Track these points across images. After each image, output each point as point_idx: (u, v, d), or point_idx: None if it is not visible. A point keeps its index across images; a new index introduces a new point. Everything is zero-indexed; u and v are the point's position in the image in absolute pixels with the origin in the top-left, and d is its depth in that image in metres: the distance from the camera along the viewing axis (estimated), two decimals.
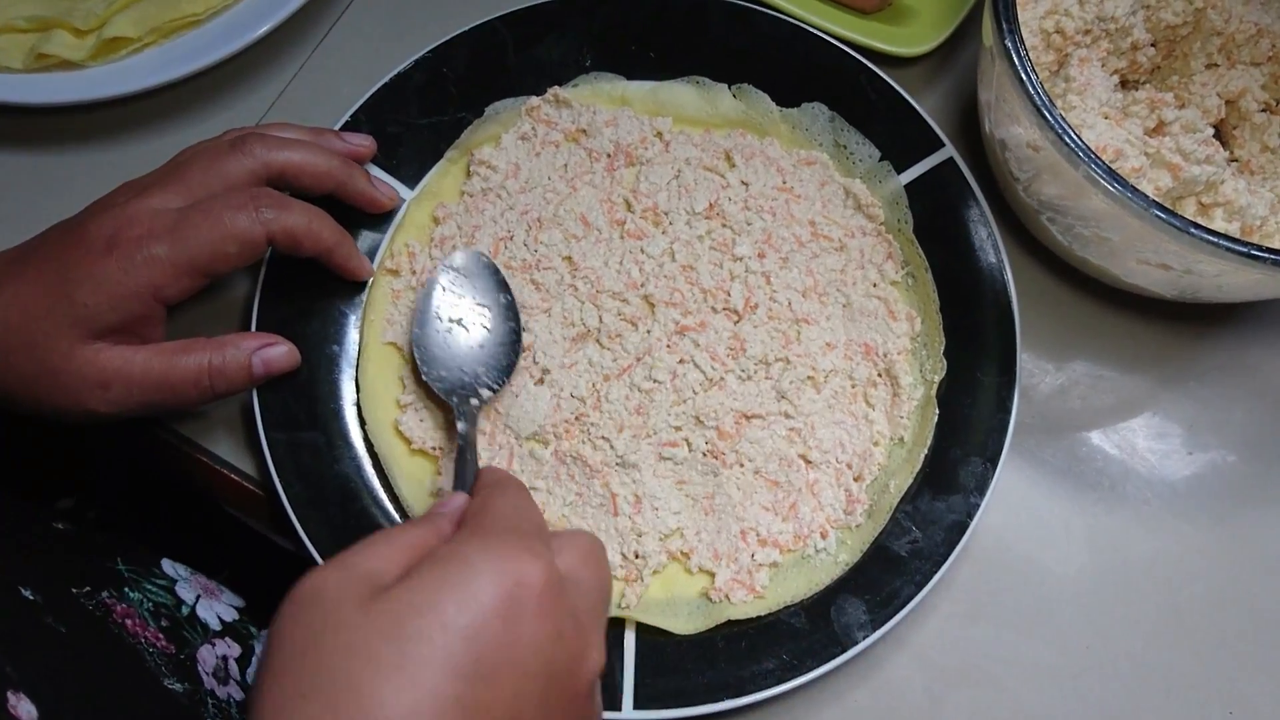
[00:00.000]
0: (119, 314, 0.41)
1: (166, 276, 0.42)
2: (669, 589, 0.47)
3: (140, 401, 0.43)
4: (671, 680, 0.44)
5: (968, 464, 0.47)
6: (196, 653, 0.44)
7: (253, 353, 0.45)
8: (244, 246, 0.43)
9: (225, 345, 0.44)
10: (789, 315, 0.50)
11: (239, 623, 0.48)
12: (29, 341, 0.41)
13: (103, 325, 0.41)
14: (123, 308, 0.41)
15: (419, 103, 0.53)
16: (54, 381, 0.41)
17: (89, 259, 0.41)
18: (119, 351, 0.42)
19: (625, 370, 0.49)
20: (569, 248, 0.51)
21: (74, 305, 0.41)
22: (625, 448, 0.47)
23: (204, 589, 0.48)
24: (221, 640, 0.46)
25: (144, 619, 0.43)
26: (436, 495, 0.47)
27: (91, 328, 0.41)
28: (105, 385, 0.42)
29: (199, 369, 0.43)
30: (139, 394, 0.42)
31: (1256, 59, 0.53)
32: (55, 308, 0.41)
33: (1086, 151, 0.42)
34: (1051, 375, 0.53)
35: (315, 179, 0.46)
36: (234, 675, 0.46)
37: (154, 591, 0.45)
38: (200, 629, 0.46)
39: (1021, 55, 0.44)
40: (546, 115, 0.54)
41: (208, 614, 0.47)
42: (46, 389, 0.41)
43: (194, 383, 0.43)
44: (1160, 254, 0.44)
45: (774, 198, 0.52)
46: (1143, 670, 0.48)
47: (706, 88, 0.55)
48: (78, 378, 0.41)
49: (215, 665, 0.45)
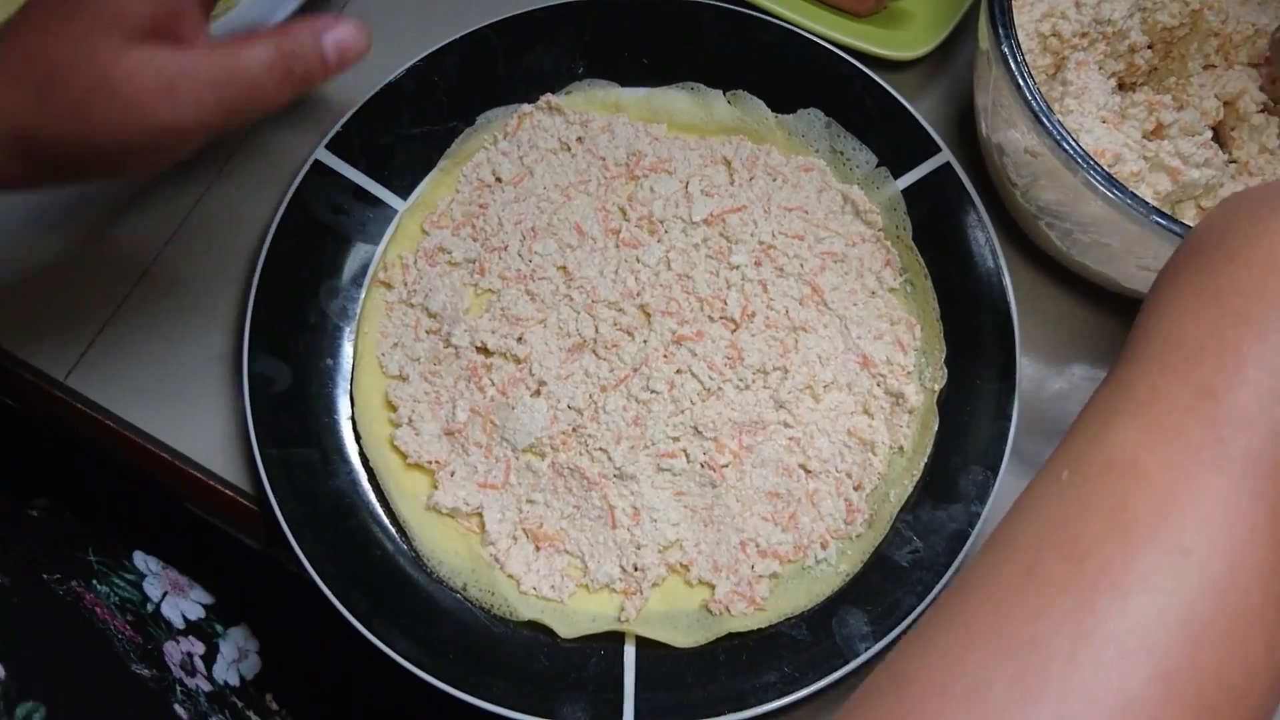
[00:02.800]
0: (154, 15, 0.36)
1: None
2: (669, 602, 0.46)
3: (215, 104, 0.36)
4: (672, 694, 0.44)
5: (968, 472, 0.47)
6: (162, 647, 0.44)
7: (321, 35, 0.38)
8: None
9: (290, 30, 0.38)
10: (787, 324, 0.49)
11: (205, 621, 0.48)
12: (62, 61, 0.35)
13: (140, 22, 0.36)
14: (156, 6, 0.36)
15: (410, 112, 0.52)
16: (108, 98, 0.35)
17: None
18: (173, 50, 0.36)
19: (622, 381, 0.48)
20: (564, 257, 0.50)
21: (102, 8, 0.35)
22: (623, 459, 0.47)
23: (173, 584, 0.48)
24: (185, 638, 0.46)
25: (111, 610, 0.43)
26: (433, 509, 0.47)
27: (130, 26, 0.36)
28: (170, 88, 0.36)
29: (272, 54, 0.37)
30: (211, 94, 0.36)
31: (1254, 59, 0.53)
32: (84, 20, 0.35)
33: (1085, 157, 0.42)
34: (1051, 380, 0.52)
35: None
36: (200, 670, 0.45)
37: (121, 586, 0.45)
38: (164, 626, 0.46)
39: (1018, 59, 0.44)
40: (540, 123, 0.53)
41: (172, 612, 0.47)
42: (102, 111, 0.36)
43: (269, 69, 0.37)
44: (1160, 259, 0.43)
45: (781, 216, 0.52)
46: None
47: (701, 94, 0.54)
48: (134, 86, 0.35)
49: (182, 659, 0.45)
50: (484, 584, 0.46)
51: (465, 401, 0.48)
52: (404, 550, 0.46)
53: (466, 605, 0.45)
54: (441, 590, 0.46)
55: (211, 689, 0.45)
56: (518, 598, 0.45)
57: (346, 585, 0.44)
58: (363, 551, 0.46)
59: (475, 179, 0.52)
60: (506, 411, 0.47)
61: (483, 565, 0.46)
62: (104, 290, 0.51)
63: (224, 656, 0.48)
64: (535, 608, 0.45)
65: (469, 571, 0.46)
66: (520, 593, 0.46)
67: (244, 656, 0.50)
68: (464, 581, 0.46)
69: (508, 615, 0.45)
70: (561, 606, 0.46)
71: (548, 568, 0.46)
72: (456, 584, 0.46)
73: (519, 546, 0.46)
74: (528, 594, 0.46)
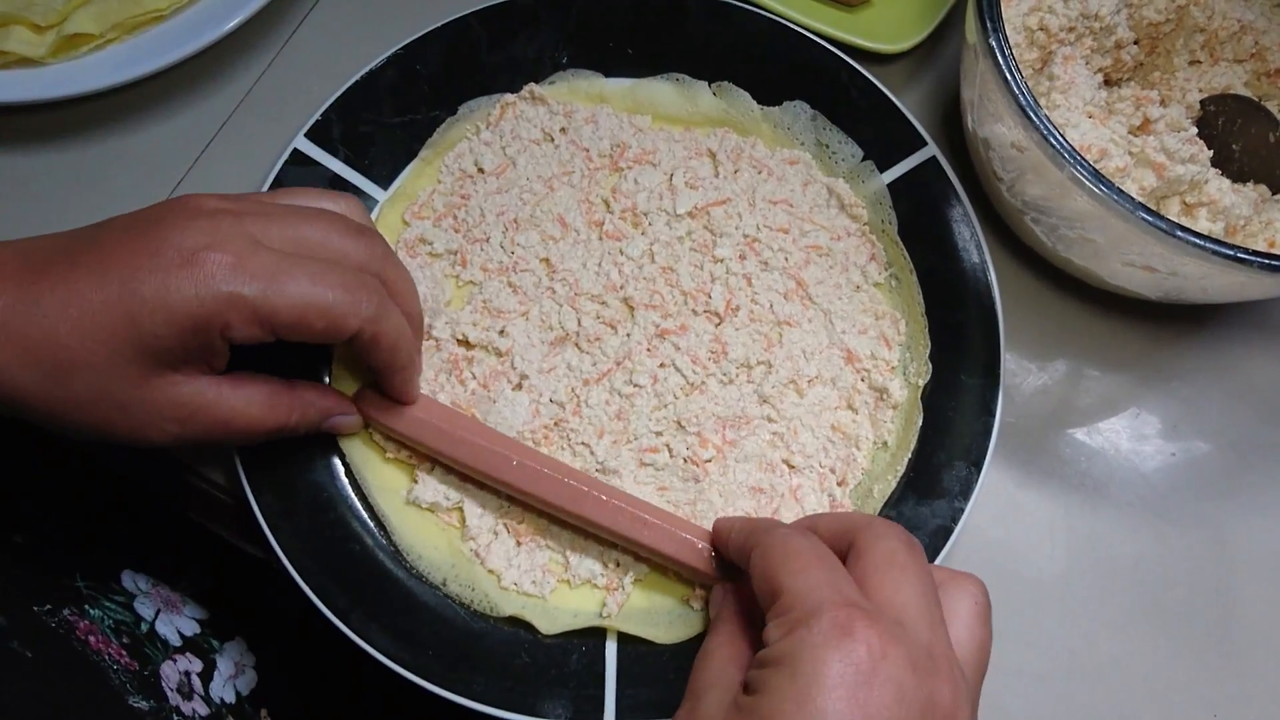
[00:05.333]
0: (186, 348, 0.37)
1: (242, 318, 0.36)
2: (650, 598, 0.46)
3: (208, 437, 0.39)
4: (653, 690, 0.43)
5: (952, 468, 0.47)
6: (160, 669, 0.44)
7: (326, 418, 0.43)
8: (330, 327, 0.38)
9: (307, 407, 0.42)
10: (770, 318, 0.49)
11: (200, 636, 0.47)
12: (87, 363, 0.35)
13: (172, 357, 0.37)
14: (190, 341, 0.36)
15: (392, 101, 0.52)
16: (121, 413, 0.36)
17: (160, 273, 0.35)
18: (201, 387, 0.38)
19: (605, 375, 0.48)
20: (546, 249, 0.50)
21: (141, 332, 0.35)
22: (605, 454, 0.47)
23: (165, 602, 0.47)
24: (183, 656, 0.45)
25: (106, 635, 0.42)
26: (413, 504, 0.46)
27: (161, 358, 0.36)
28: (183, 421, 0.37)
29: (278, 426, 0.41)
30: (213, 432, 0.39)
31: (1239, 56, 0.53)
32: (118, 332, 0.35)
33: (1072, 153, 0.42)
34: (1034, 375, 0.52)
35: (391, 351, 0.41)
36: (198, 690, 0.45)
37: (113, 609, 0.44)
38: (161, 646, 0.45)
39: (1006, 54, 0.44)
40: (523, 113, 0.53)
41: (167, 629, 0.46)
42: (106, 419, 0.36)
43: (269, 433, 0.41)
44: (1145, 256, 0.44)
45: (766, 210, 0.51)
46: (1127, 673, 0.47)
47: (686, 85, 0.54)
48: (151, 411, 0.37)
49: (179, 681, 0.44)
50: (464, 579, 0.45)
51: (446, 394, 0.47)
52: (383, 544, 0.46)
53: (446, 601, 0.45)
54: (421, 585, 0.45)
55: (209, 712, 0.45)
56: (498, 593, 0.45)
57: (324, 579, 0.44)
58: (341, 545, 0.45)
59: (457, 169, 0.52)
60: (488, 405, 0.47)
61: (463, 560, 0.45)
62: None
63: (221, 673, 0.48)
64: (516, 603, 0.45)
65: (449, 566, 0.45)
66: (501, 588, 0.45)
67: (241, 671, 0.50)
68: (444, 576, 0.45)
69: (488, 611, 0.45)
70: (543, 602, 0.45)
71: (529, 563, 0.46)
72: (436, 579, 0.45)
73: (500, 541, 0.46)
74: (508, 589, 0.45)
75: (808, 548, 0.34)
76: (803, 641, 0.30)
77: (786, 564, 0.33)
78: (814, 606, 0.31)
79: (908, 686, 0.30)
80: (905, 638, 0.31)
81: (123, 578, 0.47)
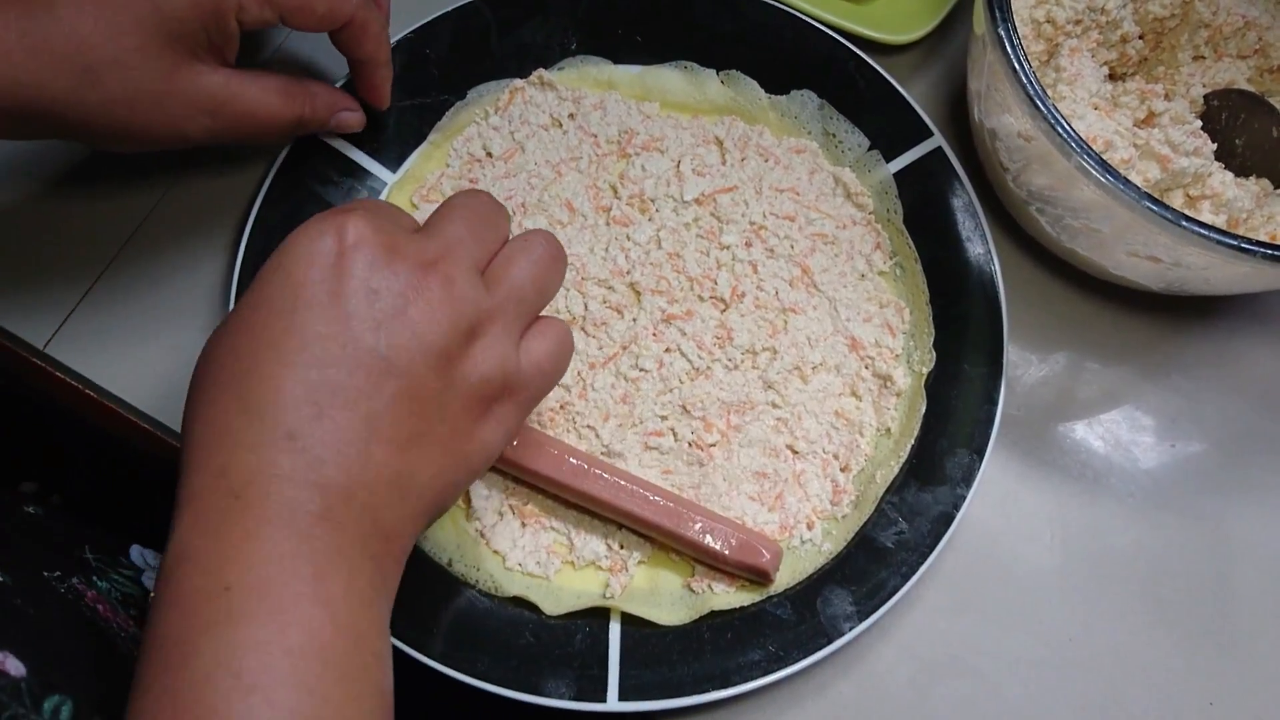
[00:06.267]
0: (207, 29, 0.38)
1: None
2: (653, 580, 0.46)
3: (234, 131, 0.41)
4: (656, 671, 0.44)
5: (954, 455, 0.47)
6: None
7: (335, 112, 0.47)
8: (330, 11, 0.42)
9: (315, 98, 0.45)
10: (776, 305, 0.49)
11: None
12: (117, 60, 0.36)
13: (195, 42, 0.38)
14: (210, 22, 0.38)
15: (401, 84, 0.52)
16: (155, 106, 0.38)
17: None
18: (225, 77, 0.40)
19: (611, 359, 0.48)
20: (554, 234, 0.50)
21: (164, 17, 0.37)
22: (611, 437, 0.47)
23: None
24: None
25: (114, 606, 0.42)
26: None
27: (187, 45, 0.38)
28: (214, 112, 0.39)
29: (297, 116, 0.44)
30: (240, 125, 0.41)
31: (1243, 52, 0.53)
32: (145, 21, 0.36)
33: (1079, 142, 0.42)
34: (1035, 366, 0.53)
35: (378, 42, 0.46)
36: None
37: (120, 581, 0.44)
38: None
39: (1015, 44, 0.44)
40: (532, 99, 0.53)
41: None
42: (144, 114, 0.38)
43: (288, 124, 0.44)
44: (1150, 246, 0.44)
45: (773, 198, 0.51)
46: (1125, 662, 0.48)
47: (694, 73, 0.54)
48: (185, 102, 0.38)
49: None
50: (469, 559, 0.45)
51: None
52: None
53: (451, 580, 0.45)
54: (426, 564, 0.45)
55: None
56: (503, 574, 0.45)
57: None
58: None
59: (466, 153, 0.52)
60: None
61: (468, 540, 0.46)
62: (86, 257, 0.50)
63: None
64: (521, 584, 0.45)
65: (454, 546, 0.46)
66: (506, 569, 0.45)
67: None
68: (449, 556, 0.45)
69: (493, 591, 0.45)
70: (547, 583, 0.45)
71: (534, 544, 0.46)
72: (441, 559, 0.45)
73: (505, 523, 0.46)
74: (513, 570, 0.45)
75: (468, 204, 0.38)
76: None
77: None
78: None
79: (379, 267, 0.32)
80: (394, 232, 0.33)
81: (131, 552, 0.47)
